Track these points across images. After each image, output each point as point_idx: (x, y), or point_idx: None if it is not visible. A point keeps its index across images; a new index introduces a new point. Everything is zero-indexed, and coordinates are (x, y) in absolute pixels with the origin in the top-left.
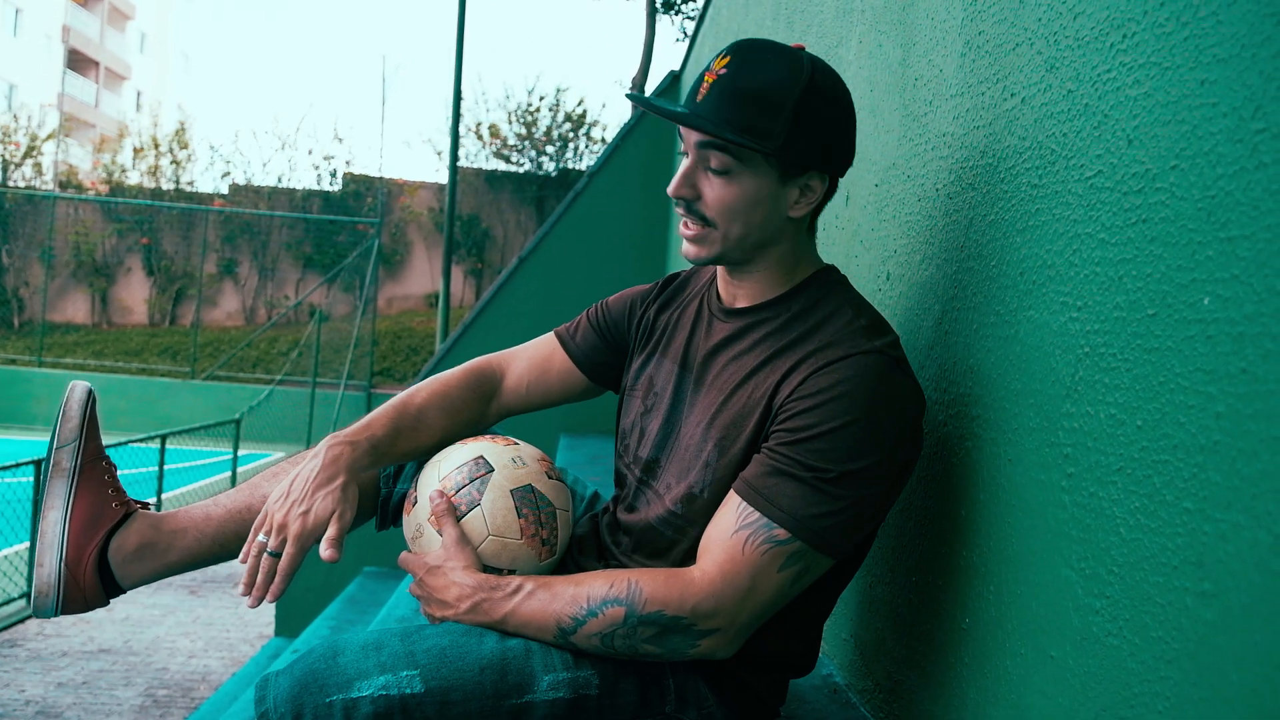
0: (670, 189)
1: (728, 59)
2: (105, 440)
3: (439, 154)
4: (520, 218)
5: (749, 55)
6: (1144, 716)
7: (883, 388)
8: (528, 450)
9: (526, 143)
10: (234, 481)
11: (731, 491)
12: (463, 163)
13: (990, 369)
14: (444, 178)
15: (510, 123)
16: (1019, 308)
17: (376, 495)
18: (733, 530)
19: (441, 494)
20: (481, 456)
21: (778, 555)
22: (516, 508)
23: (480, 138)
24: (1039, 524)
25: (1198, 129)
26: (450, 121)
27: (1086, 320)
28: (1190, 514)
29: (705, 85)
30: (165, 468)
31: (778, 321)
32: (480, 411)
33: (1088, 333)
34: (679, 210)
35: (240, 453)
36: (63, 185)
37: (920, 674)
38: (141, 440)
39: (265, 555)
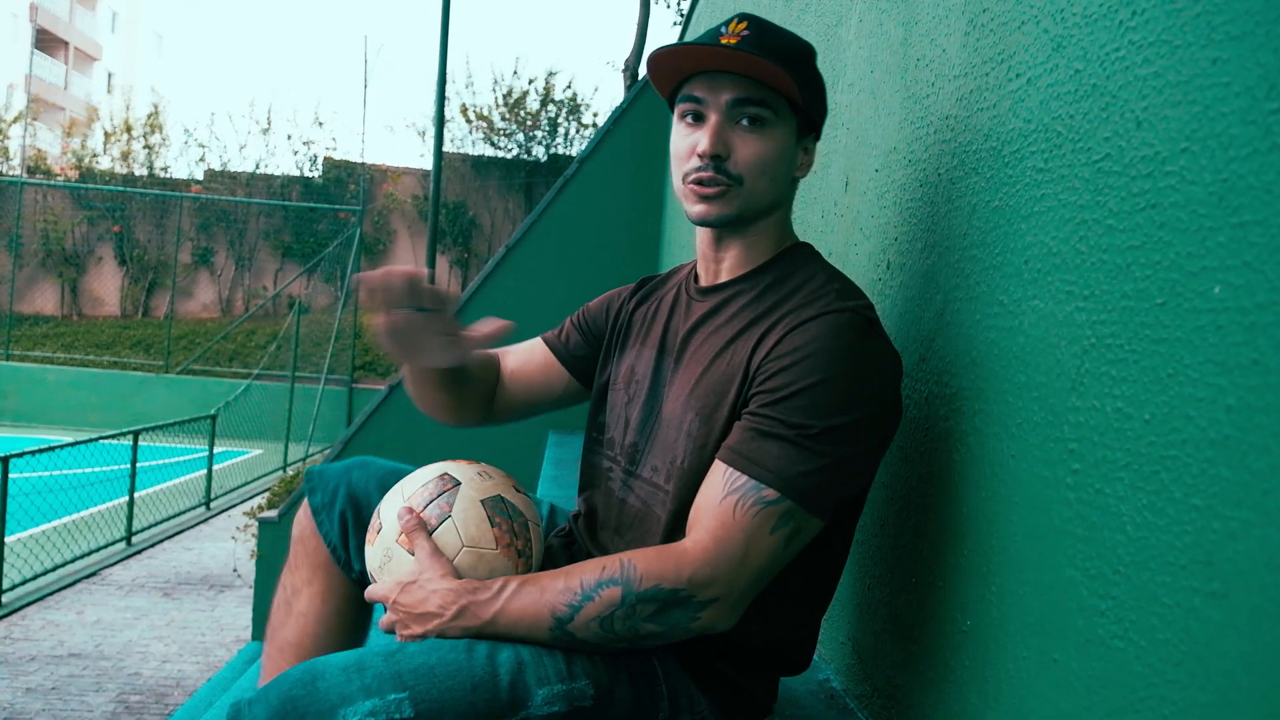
0: (703, 147)
1: (744, 24)
2: (76, 437)
3: (421, 134)
4: (508, 205)
5: (762, 21)
6: None
7: (858, 344)
8: (491, 468)
9: (515, 126)
10: (209, 481)
11: (717, 460)
12: (448, 148)
13: (993, 361)
14: (428, 163)
15: (497, 105)
16: (1023, 297)
17: (335, 561)
18: (721, 496)
19: (409, 510)
20: (446, 473)
21: (769, 516)
22: (489, 517)
23: (469, 120)
24: (1043, 522)
25: (1209, 110)
26: (435, 105)
27: (1093, 310)
28: (1199, 511)
29: (729, 45)
30: (138, 466)
31: (754, 292)
32: (496, 380)
33: (1094, 323)
34: (698, 173)
35: (216, 450)
36: (30, 170)
37: (919, 678)
38: (113, 437)
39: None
